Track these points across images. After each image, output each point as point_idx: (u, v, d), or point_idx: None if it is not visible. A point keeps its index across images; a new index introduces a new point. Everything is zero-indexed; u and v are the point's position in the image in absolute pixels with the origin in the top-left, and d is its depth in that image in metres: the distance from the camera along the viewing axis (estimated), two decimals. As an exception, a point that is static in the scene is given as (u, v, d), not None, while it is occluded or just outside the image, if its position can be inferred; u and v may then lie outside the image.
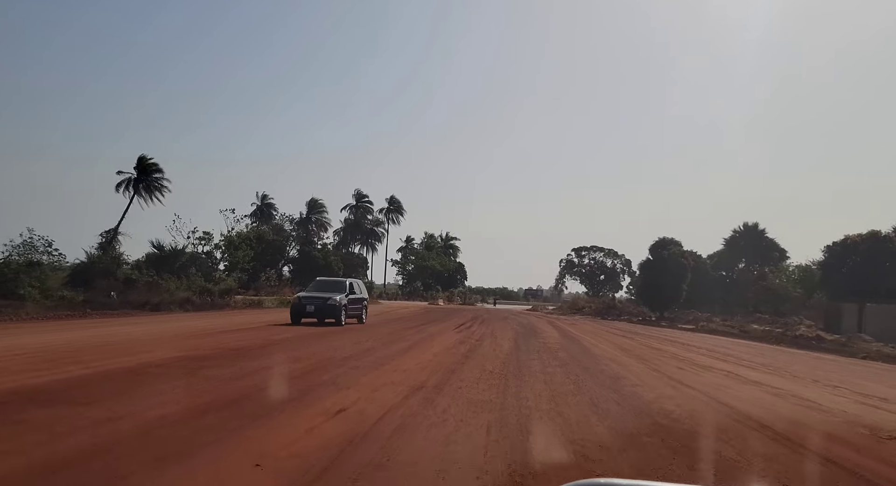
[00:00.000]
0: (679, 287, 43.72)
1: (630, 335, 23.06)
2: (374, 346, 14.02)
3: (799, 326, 35.17)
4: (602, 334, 23.53)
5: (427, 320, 26.71)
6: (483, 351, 13.57)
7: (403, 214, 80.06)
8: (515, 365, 11.60)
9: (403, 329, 19.91)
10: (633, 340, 20.51)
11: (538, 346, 15.45)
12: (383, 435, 5.52)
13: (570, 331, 23.76)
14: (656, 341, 20.77)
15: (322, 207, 62.53)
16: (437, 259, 79.78)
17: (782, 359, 16.27)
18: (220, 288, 36.00)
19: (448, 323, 24.73)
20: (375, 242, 79.04)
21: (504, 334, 19.52)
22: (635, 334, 24.73)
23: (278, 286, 48.16)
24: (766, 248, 60.93)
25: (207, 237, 44.69)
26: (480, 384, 9.05)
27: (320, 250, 56.44)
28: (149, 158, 45.58)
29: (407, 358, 12.03)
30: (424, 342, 15.39)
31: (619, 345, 17.46)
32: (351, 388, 8.14)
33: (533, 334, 20.03)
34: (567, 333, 22.55)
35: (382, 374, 9.73)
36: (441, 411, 6.84)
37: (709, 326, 33.17)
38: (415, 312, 36.15)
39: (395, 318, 27.68)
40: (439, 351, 13.16)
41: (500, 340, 16.82)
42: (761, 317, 42.03)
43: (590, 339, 19.80)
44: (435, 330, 19.65)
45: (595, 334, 23.15)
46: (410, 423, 6.14)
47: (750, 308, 49.38)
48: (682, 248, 44.84)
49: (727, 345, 21.19)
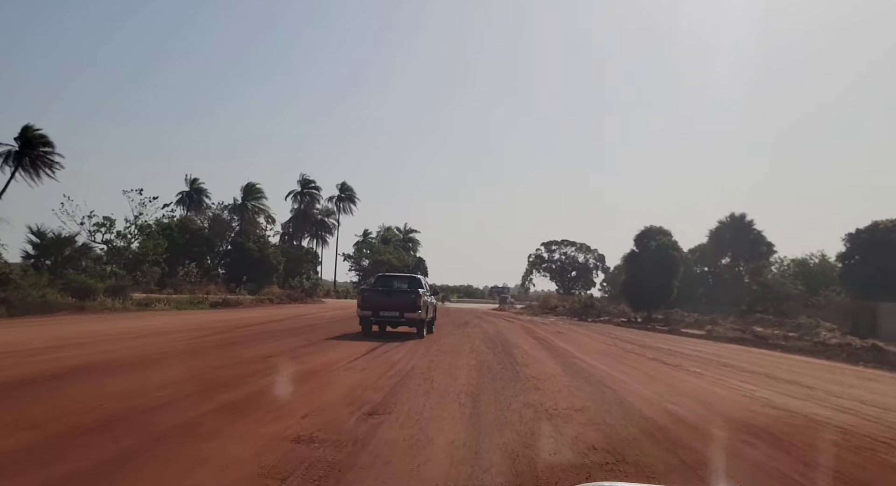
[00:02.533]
0: (669, 283, 37.77)
1: (659, 354, 14.71)
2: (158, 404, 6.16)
3: (817, 329, 29.40)
4: (616, 353, 14.54)
5: (344, 330, 17.09)
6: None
7: (356, 202, 72.27)
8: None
9: (279, 354, 10.93)
10: (682, 370, 11.71)
11: (532, 420, 6.18)
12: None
13: (563, 348, 15.20)
14: (715, 368, 12.42)
15: (260, 192, 54.73)
16: (393, 253, 72.66)
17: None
18: (109, 285, 28.35)
19: (373, 337, 15.24)
20: (326, 234, 71.42)
21: (459, 362, 10.78)
22: (650, 347, 17.02)
23: (201, 283, 40.41)
24: (754, 241, 55.90)
25: (107, 224, 36.79)
26: None
27: (256, 241, 48.74)
28: (35, 128, 37.34)
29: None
30: (259, 403, 6.57)
31: (688, 393, 8.72)
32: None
33: (510, 363, 11.11)
34: (561, 353, 13.85)
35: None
36: None
37: (715, 330, 27.08)
38: (344, 315, 29.15)
39: (300, 326, 19.05)
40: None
41: (446, 392, 7.64)
42: (763, 318, 36.32)
43: (618, 375, 10.22)
44: (334, 357, 10.41)
45: (606, 354, 14.03)
46: None
47: (743, 307, 43.86)
48: (672, 238, 38.88)
49: (818, 371, 13.17)
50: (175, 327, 16.67)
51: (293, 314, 26.77)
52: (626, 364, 12.39)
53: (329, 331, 17.23)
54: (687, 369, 11.96)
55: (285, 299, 39.62)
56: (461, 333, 20.03)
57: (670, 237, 38.74)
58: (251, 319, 21.89)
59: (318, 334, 16.03)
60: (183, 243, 46.90)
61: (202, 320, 19.64)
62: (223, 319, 21.23)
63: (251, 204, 54.03)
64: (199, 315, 23.56)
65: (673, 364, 12.78)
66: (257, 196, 54.31)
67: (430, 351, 12.71)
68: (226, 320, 20.11)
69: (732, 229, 56.09)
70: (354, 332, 16.46)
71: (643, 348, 17.10)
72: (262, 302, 36.05)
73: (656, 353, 15.50)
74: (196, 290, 38.04)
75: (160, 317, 21.36)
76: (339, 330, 17.42)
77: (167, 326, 17.07)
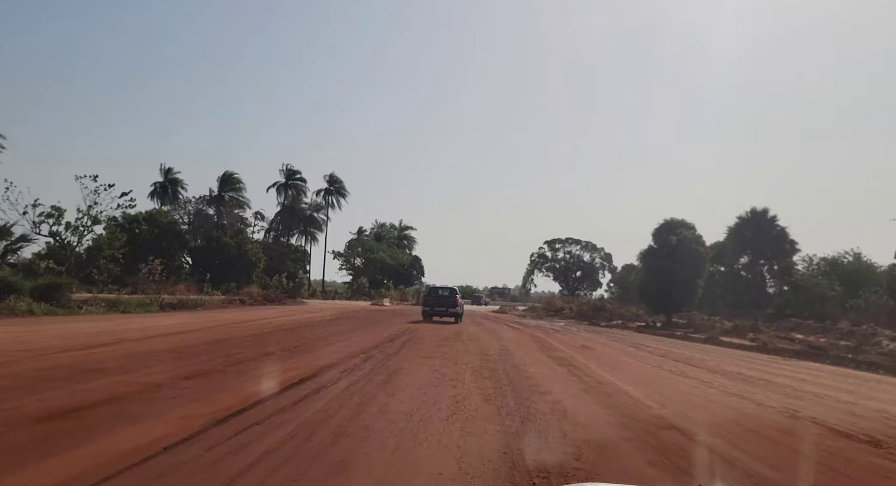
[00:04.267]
0: (693, 283, 33.36)
1: (778, 394, 9.36)
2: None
3: (875, 337, 25.00)
4: (703, 394, 9.20)
5: (296, 344, 13.15)
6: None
7: (346, 196, 67.00)
8: None
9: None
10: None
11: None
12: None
13: (613, 385, 9.46)
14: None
15: (238, 182, 49.99)
16: (387, 251, 68.15)
17: None
18: (41, 284, 23.95)
19: (324, 353, 11.56)
20: (316, 230, 66.75)
21: (438, 410, 6.64)
22: (731, 375, 11.67)
23: (166, 282, 35.85)
24: (777, 238, 51.55)
25: (55, 214, 32.34)
26: None
27: (233, 236, 44.31)
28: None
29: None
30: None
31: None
32: None
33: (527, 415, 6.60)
34: (622, 402, 7.98)
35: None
36: None
37: (758, 338, 22.67)
38: (324, 318, 24.61)
39: (243, 336, 14.46)
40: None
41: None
42: (801, 323, 31.87)
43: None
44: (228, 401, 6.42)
45: (692, 403, 8.43)
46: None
47: (770, 311, 39.51)
48: (696, 231, 34.43)
49: None
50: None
51: (213, 323, 18.93)
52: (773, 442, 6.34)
53: (265, 345, 12.58)
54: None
55: (260, 299, 35.22)
56: (446, 354, 12.88)
57: (694, 231, 34.32)
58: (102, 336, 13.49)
59: (261, 347, 11.37)
60: (151, 238, 42.53)
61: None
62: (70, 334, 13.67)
63: (229, 195, 49.44)
64: (77, 325, 16.21)
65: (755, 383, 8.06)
66: (236, 187, 49.66)
67: (405, 383, 8.63)
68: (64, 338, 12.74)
69: (754, 226, 51.78)
70: (321, 339, 11.90)
71: (720, 375, 11.79)
72: (230, 303, 31.69)
73: (771, 393, 9.60)
74: (162, 290, 33.64)
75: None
76: (295, 342, 12.78)
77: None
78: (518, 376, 10.23)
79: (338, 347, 13.38)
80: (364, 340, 15.44)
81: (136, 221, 41.69)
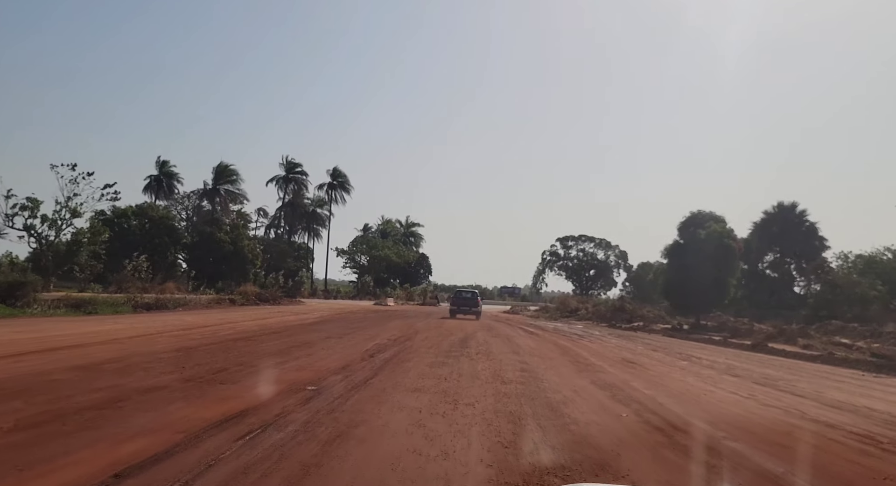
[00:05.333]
0: (723, 282, 30.45)
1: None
2: None
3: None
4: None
5: (226, 366, 9.02)
6: None
7: (350, 191, 64.00)
8: None
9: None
10: None
11: None
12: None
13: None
14: None
15: (234, 174, 47.36)
16: (392, 248, 65.46)
17: None
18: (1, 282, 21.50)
19: (257, 383, 7.90)
20: (319, 227, 64.17)
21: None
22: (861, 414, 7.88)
23: (152, 281, 33.25)
24: (806, 234, 48.43)
25: (30, 207, 30.00)
26: None
27: (229, 232, 41.78)
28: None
29: None
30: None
31: None
32: None
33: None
34: None
35: None
36: None
37: (811, 345, 19.80)
38: (307, 321, 21.82)
39: (162, 351, 10.64)
40: None
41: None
42: (845, 326, 28.87)
43: None
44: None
45: None
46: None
47: (804, 312, 36.48)
48: (727, 225, 31.53)
49: None
50: None
51: (162, 329, 15.28)
52: None
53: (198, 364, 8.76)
54: None
55: (253, 299, 32.66)
56: (444, 383, 8.80)
57: (724, 224, 31.42)
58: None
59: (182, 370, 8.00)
60: (141, 233, 40.09)
61: None
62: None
63: (224, 188, 46.89)
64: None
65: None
66: (231, 179, 47.07)
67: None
68: None
69: (781, 221, 48.69)
70: (283, 352, 8.95)
71: (861, 416, 7.82)
72: (218, 303, 29.14)
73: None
74: (149, 289, 31.12)
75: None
76: (240, 358, 9.55)
77: None
78: (561, 432, 6.00)
79: (289, 367, 9.67)
80: (336, 355, 11.71)
81: (124, 216, 39.28)
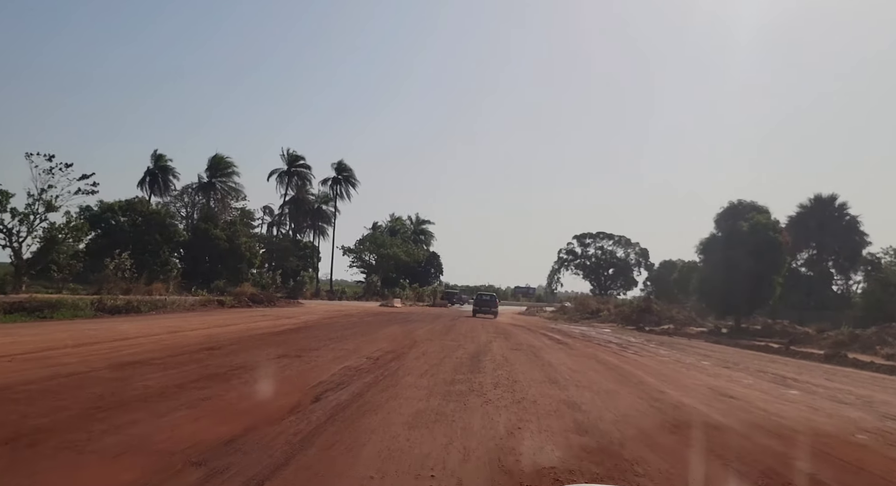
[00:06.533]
0: (768, 280, 27.15)
1: None
2: None
3: None
4: None
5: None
6: None
7: (356, 186, 60.51)
8: None
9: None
10: None
11: None
12: None
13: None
14: None
15: (231, 166, 44.45)
16: (401, 247, 62.44)
17: None
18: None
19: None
20: (325, 225, 61.22)
21: None
22: None
23: (137, 280, 30.36)
24: (846, 229, 44.86)
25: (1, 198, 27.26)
26: None
27: (224, 228, 38.95)
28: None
29: None
30: None
31: None
32: None
33: None
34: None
35: None
36: None
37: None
38: (287, 328, 18.51)
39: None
40: None
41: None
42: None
43: None
44: None
45: None
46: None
47: (855, 313, 33.13)
48: (771, 216, 28.21)
49: None
50: None
51: (82, 342, 11.20)
52: None
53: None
54: None
55: (246, 301, 29.78)
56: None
57: (768, 215, 28.11)
58: None
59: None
60: (130, 230, 37.36)
61: None
62: None
63: (220, 182, 44.05)
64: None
65: None
66: (227, 172, 44.17)
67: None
68: None
69: (818, 215, 45.16)
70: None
71: None
72: (204, 305, 26.28)
73: None
74: (135, 289, 28.32)
75: None
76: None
77: None
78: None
79: (104, 448, 4.66)
80: (234, 408, 6.43)
81: (110, 211, 36.58)
